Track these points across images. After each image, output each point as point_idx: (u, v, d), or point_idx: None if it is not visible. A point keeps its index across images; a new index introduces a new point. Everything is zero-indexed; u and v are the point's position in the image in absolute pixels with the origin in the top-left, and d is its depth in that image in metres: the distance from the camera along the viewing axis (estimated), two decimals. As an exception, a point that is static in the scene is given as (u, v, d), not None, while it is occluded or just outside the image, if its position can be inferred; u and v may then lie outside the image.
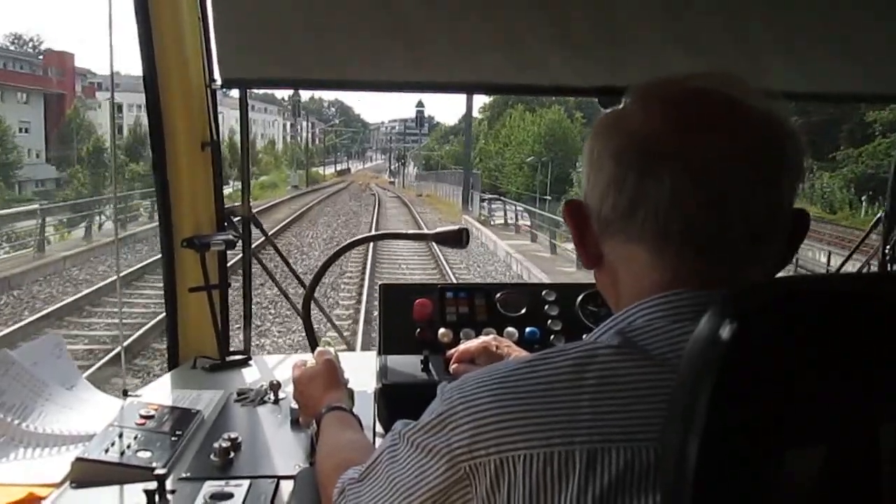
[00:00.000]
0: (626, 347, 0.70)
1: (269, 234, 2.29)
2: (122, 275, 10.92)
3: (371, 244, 13.93)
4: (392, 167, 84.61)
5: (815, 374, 0.54)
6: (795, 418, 0.55)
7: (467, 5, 1.69)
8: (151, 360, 8.11)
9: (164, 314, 2.02)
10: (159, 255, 1.93)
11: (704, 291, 0.71)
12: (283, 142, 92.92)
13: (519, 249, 16.87)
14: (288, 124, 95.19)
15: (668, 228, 0.71)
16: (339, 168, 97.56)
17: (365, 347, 7.68)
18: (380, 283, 1.82)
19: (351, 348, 3.72)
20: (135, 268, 12.34)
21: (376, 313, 1.89)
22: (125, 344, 8.01)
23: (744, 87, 0.74)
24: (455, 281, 13.05)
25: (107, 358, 7.70)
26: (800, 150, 0.74)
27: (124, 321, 9.18)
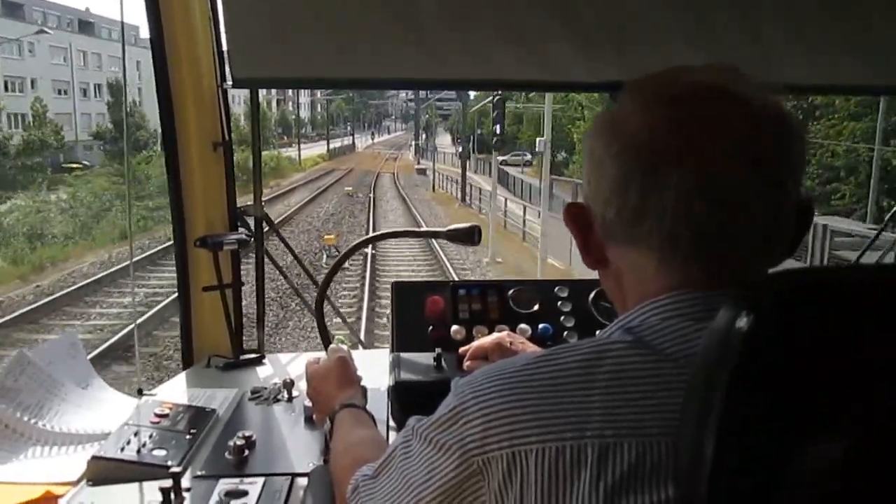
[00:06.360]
0: (638, 344, 0.70)
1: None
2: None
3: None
4: (420, 141, 62.49)
5: (832, 364, 0.54)
6: (813, 410, 0.54)
7: (478, 2, 1.69)
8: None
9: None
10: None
11: (714, 291, 0.70)
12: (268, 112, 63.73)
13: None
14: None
15: (676, 234, 0.70)
16: (336, 145, 66.22)
17: (369, 345, 7.68)
18: (392, 281, 1.82)
19: (363, 346, 3.73)
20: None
21: (379, 310, 1.89)
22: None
23: (744, 80, 0.72)
24: (452, 269, 13.21)
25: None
26: (803, 143, 0.73)
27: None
